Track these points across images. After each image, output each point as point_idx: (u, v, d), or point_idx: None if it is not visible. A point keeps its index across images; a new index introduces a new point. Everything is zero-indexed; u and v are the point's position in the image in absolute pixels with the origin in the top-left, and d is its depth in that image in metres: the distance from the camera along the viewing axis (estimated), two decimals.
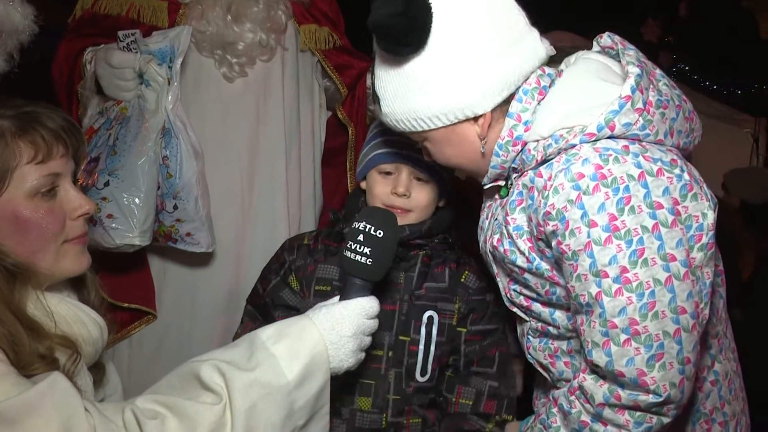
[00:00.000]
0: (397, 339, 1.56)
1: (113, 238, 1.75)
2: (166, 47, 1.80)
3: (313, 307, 1.30)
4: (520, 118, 1.26)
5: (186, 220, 1.85)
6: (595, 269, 1.16)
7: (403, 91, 1.28)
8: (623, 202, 1.15)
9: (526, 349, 1.45)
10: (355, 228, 1.29)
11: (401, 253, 1.56)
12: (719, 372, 1.34)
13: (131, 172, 1.76)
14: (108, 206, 1.75)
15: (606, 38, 1.34)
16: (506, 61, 1.24)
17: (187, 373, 1.16)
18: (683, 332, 1.16)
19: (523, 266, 1.30)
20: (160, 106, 1.80)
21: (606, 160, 1.17)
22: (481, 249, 1.45)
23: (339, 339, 1.23)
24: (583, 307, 1.20)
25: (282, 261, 1.66)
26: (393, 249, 1.32)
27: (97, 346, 1.22)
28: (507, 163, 1.30)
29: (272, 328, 1.23)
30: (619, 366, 1.17)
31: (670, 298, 1.15)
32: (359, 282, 1.29)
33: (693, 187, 1.18)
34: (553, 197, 1.19)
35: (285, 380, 1.16)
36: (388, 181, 1.58)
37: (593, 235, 1.15)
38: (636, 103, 1.18)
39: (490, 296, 1.60)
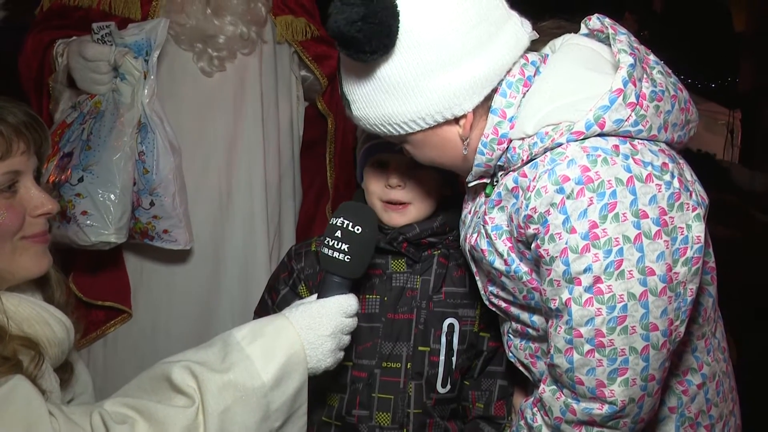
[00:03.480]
0: (416, 350, 1.44)
1: (88, 235, 1.70)
2: (143, 40, 1.74)
3: (290, 306, 1.24)
4: (505, 114, 1.16)
5: (163, 216, 1.79)
6: (569, 276, 1.08)
7: (374, 96, 1.16)
8: (607, 208, 1.06)
9: (507, 347, 1.38)
10: (333, 224, 1.24)
11: (414, 255, 1.45)
12: (707, 374, 1.26)
13: (106, 167, 1.70)
14: (82, 203, 1.69)
15: (595, 20, 1.22)
16: (486, 56, 1.13)
17: (157, 375, 1.11)
18: (651, 350, 1.08)
19: (500, 269, 1.22)
20: (136, 100, 1.74)
21: (594, 161, 1.07)
22: (461, 245, 1.37)
23: (317, 338, 1.18)
24: (553, 312, 1.13)
25: (290, 270, 1.54)
26: (372, 245, 1.26)
27: (63, 346, 1.16)
28: (492, 161, 1.20)
29: (247, 328, 1.17)
30: (580, 374, 1.11)
31: (643, 314, 1.07)
32: (337, 279, 1.24)
33: (681, 196, 1.08)
34: (536, 200, 1.10)
35: (260, 381, 1.11)
36: (382, 174, 1.45)
37: (570, 242, 1.07)
38: (628, 97, 1.08)
39: None
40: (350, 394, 1.45)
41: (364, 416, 1.44)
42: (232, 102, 1.96)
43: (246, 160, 1.99)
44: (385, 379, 1.44)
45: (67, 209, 1.68)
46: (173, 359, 1.13)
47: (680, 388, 1.26)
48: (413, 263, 1.47)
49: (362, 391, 1.44)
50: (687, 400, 1.26)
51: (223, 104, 1.95)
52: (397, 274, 1.47)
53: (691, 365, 1.27)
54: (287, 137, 2.12)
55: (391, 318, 1.45)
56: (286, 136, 2.12)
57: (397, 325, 1.45)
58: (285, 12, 2.04)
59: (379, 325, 1.45)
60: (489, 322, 1.47)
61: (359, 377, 1.44)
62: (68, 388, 1.23)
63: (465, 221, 1.36)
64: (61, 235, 1.69)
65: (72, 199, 1.68)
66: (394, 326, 1.45)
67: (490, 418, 1.48)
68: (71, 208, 1.68)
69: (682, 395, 1.26)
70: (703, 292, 1.24)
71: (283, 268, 1.58)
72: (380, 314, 1.45)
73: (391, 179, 1.43)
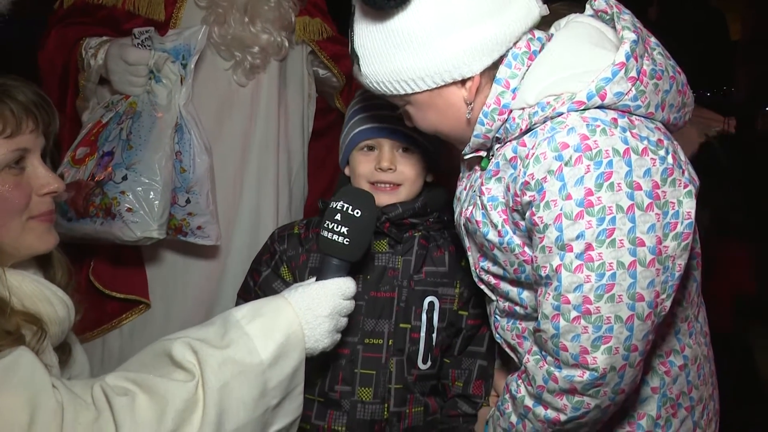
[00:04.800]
0: (397, 327, 1.47)
1: (134, 231, 1.72)
2: (181, 45, 1.79)
3: (289, 288, 1.25)
4: (509, 84, 1.17)
5: (198, 213, 1.82)
6: (561, 242, 1.10)
7: (385, 50, 1.17)
8: (603, 177, 1.08)
9: (494, 329, 1.40)
10: (333, 207, 1.25)
11: (396, 235, 1.48)
12: (689, 357, 1.30)
13: (149, 166, 1.73)
14: (127, 200, 1.71)
15: (600, 1, 1.23)
16: (499, 20, 1.14)
17: (158, 351, 1.11)
18: (636, 320, 1.10)
19: (493, 240, 1.23)
20: (173, 103, 1.78)
21: (593, 130, 1.09)
22: (456, 221, 1.38)
23: (315, 319, 1.19)
24: (543, 279, 1.15)
25: (272, 252, 1.56)
26: (371, 229, 1.28)
27: (64, 326, 1.15)
28: (491, 132, 1.21)
29: (247, 307, 1.18)
30: (565, 340, 1.13)
31: (630, 283, 1.09)
32: (336, 262, 1.25)
33: (674, 172, 1.11)
34: (534, 166, 1.11)
35: (259, 359, 1.12)
36: (371, 157, 1.48)
37: (565, 208, 1.09)
38: (630, 71, 1.10)
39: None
40: (333, 371, 1.46)
41: (347, 392, 1.46)
42: (249, 101, 1.98)
43: (257, 157, 2.01)
44: (367, 355, 1.46)
45: (112, 206, 1.71)
46: (173, 336, 1.13)
47: (663, 369, 1.28)
48: (395, 243, 1.49)
49: (345, 367, 1.46)
50: (669, 381, 1.28)
51: (241, 104, 1.97)
52: (379, 254, 1.49)
53: (674, 347, 1.30)
54: (298, 136, 2.15)
55: (374, 296, 1.47)
56: (297, 134, 2.15)
57: (379, 303, 1.47)
58: (302, 13, 2.06)
59: (362, 303, 1.46)
60: (467, 301, 1.50)
61: (342, 353, 1.46)
62: (65, 369, 1.22)
63: (460, 197, 1.37)
64: (105, 231, 1.72)
65: (117, 197, 1.71)
66: (376, 304, 1.47)
67: (468, 396, 1.51)
68: (116, 205, 1.70)
69: (664, 376, 1.28)
70: (688, 276, 1.27)
71: (265, 250, 1.59)
72: (363, 292, 1.46)
73: (382, 162, 1.46)
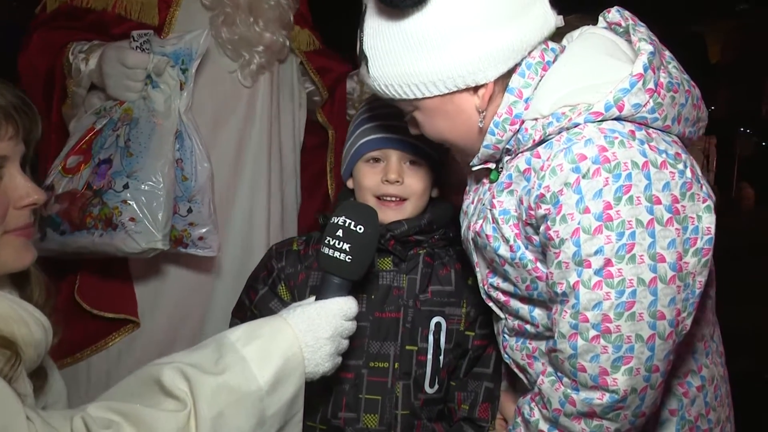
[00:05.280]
0: (403, 349, 1.39)
1: (138, 242, 1.63)
2: (182, 49, 1.73)
3: (288, 307, 1.18)
4: (521, 94, 1.13)
5: (199, 224, 1.75)
6: (579, 258, 1.05)
7: (398, 52, 1.12)
8: (622, 190, 1.03)
9: (502, 348, 1.33)
10: (334, 223, 1.18)
11: (401, 253, 1.41)
12: (706, 377, 1.24)
13: (151, 173, 1.66)
14: (129, 209, 1.63)
15: (614, 13, 1.19)
16: (515, 27, 1.11)
17: (146, 378, 1.03)
18: (658, 339, 1.05)
19: (505, 256, 1.18)
20: (173, 109, 1.72)
21: (611, 142, 1.05)
22: (463, 236, 1.32)
23: (315, 341, 1.11)
24: (558, 296, 1.09)
25: (270, 269, 1.47)
26: (374, 246, 1.21)
27: (40, 349, 1.05)
28: (502, 143, 1.17)
29: (243, 329, 1.10)
30: (583, 360, 1.07)
31: (651, 300, 1.04)
32: (337, 281, 1.18)
33: (692, 186, 1.07)
34: (550, 179, 1.07)
35: (256, 385, 1.04)
36: (377, 169, 1.41)
37: (583, 222, 1.04)
38: (647, 82, 1.06)
39: None
40: (336, 396, 1.39)
41: (351, 418, 1.37)
42: (246, 106, 1.94)
43: (251, 164, 1.96)
44: (372, 380, 1.39)
45: (113, 216, 1.63)
46: (163, 361, 1.05)
47: (680, 390, 1.23)
48: (399, 261, 1.43)
49: (348, 392, 1.38)
50: (687, 403, 1.23)
51: (239, 109, 1.93)
52: (383, 273, 1.42)
53: (691, 367, 1.24)
54: (290, 144, 2.11)
55: (379, 317, 1.40)
56: (289, 142, 2.11)
57: (384, 324, 1.40)
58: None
59: (366, 324, 1.39)
60: (474, 321, 1.44)
61: (345, 378, 1.38)
62: (41, 396, 1.11)
63: (467, 211, 1.31)
64: (105, 243, 1.63)
65: (118, 206, 1.63)
66: (381, 325, 1.40)
67: (473, 420, 1.43)
68: (118, 215, 1.62)
69: (682, 397, 1.23)
70: (704, 294, 1.20)
71: (262, 268, 1.51)
72: (367, 313, 1.39)
73: (389, 174, 1.39)
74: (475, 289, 1.36)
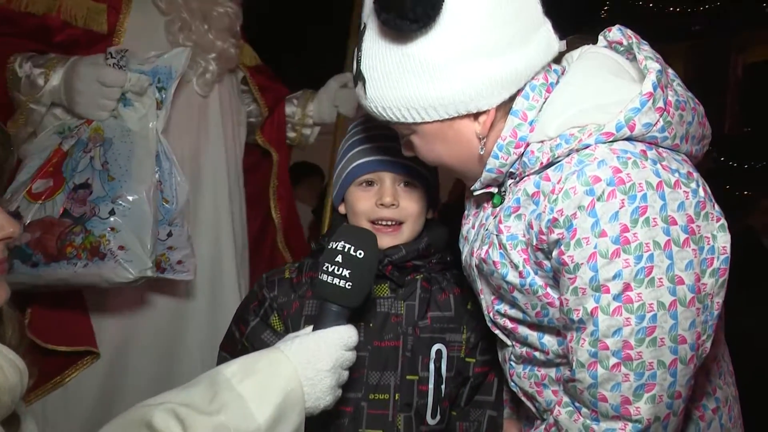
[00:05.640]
0: (403, 379, 1.32)
1: (130, 270, 1.56)
2: (161, 68, 1.67)
3: (284, 339, 1.11)
4: (526, 116, 1.10)
5: (178, 247, 1.68)
6: (596, 283, 1.01)
7: (398, 75, 1.08)
8: (638, 212, 1.00)
9: (509, 376, 1.28)
10: (333, 248, 1.12)
11: (398, 279, 1.36)
12: (720, 398, 1.21)
13: (137, 198, 1.58)
14: (118, 236, 1.55)
15: (616, 32, 1.17)
16: (520, 53, 1.07)
17: (135, 421, 0.94)
18: (680, 364, 1.02)
19: (513, 282, 1.14)
20: (149, 129, 1.64)
21: (625, 163, 1.01)
22: (464, 262, 1.27)
23: (316, 374, 1.04)
24: (575, 324, 1.05)
25: (261, 299, 1.39)
26: (374, 271, 1.15)
27: (15, 393, 0.96)
28: (505, 166, 1.13)
29: (238, 363, 1.03)
30: (604, 390, 1.03)
31: (672, 324, 1.00)
32: (336, 309, 1.11)
33: (706, 205, 1.04)
34: (563, 202, 1.03)
35: (255, 425, 0.96)
36: (371, 193, 1.36)
37: (600, 246, 1.00)
38: (657, 101, 1.04)
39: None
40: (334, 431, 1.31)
41: None
42: (198, 120, 1.89)
43: (211, 180, 1.92)
44: (372, 413, 1.32)
45: (101, 245, 1.54)
46: (153, 401, 0.96)
47: (696, 413, 1.19)
48: (396, 288, 1.37)
49: (347, 426, 1.31)
50: (704, 426, 1.19)
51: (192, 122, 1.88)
52: (380, 300, 1.36)
53: (706, 389, 1.21)
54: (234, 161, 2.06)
55: (378, 345, 1.34)
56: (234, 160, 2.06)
57: (383, 353, 1.33)
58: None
59: (365, 353, 1.32)
60: (474, 347, 1.39)
61: (344, 411, 1.30)
62: None
63: (468, 237, 1.27)
64: (90, 274, 1.54)
65: (106, 234, 1.55)
66: (380, 354, 1.33)
67: None
68: (105, 243, 1.54)
69: (699, 421, 1.19)
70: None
71: (252, 298, 1.43)
72: (366, 342, 1.33)
73: (385, 197, 1.34)
74: (475, 314, 1.31)
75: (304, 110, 2.25)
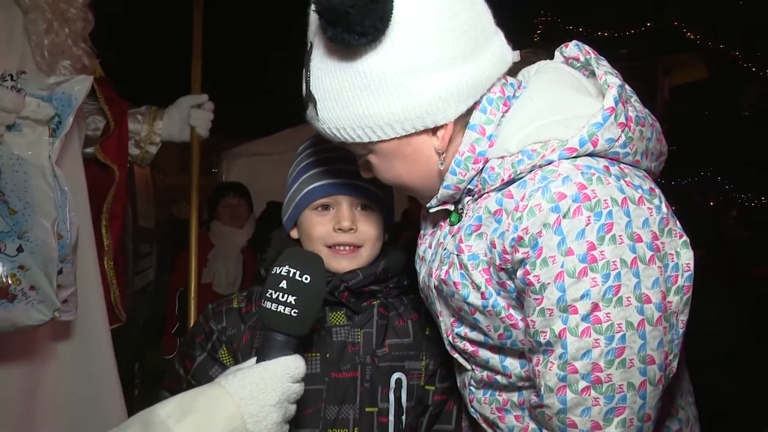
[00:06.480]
0: (362, 412, 1.25)
1: (43, 312, 1.44)
2: (61, 94, 1.55)
3: (224, 373, 1.02)
4: (484, 131, 1.06)
5: (66, 285, 1.54)
6: (564, 303, 0.97)
7: (350, 93, 1.02)
8: (605, 229, 0.96)
9: (468, 402, 1.22)
10: (277, 273, 1.03)
11: (354, 305, 1.29)
12: (683, 419, 1.18)
13: (42, 233, 1.46)
14: (28, 275, 1.42)
15: (573, 48, 1.15)
16: (474, 64, 1.03)
17: None
18: (649, 385, 0.98)
19: (475, 304, 1.09)
20: (42, 158, 1.50)
21: (590, 179, 0.98)
22: (422, 283, 1.22)
23: (260, 410, 0.96)
24: (542, 346, 1.00)
25: (208, 332, 1.30)
26: (321, 297, 1.06)
27: None
28: (463, 183, 1.08)
29: (173, 402, 0.93)
30: (573, 415, 0.98)
31: (641, 345, 0.97)
32: (281, 338, 1.03)
33: (669, 221, 1.01)
34: (528, 220, 0.99)
35: None
36: (327, 217, 1.29)
37: (567, 265, 0.96)
38: (619, 116, 1.01)
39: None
40: None
41: None
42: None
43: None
44: None
45: (11, 286, 1.40)
46: None
47: None
48: (353, 315, 1.30)
49: None
50: None
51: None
52: (336, 328, 1.29)
53: (669, 410, 1.18)
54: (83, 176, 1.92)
55: (335, 377, 1.26)
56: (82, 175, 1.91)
57: (341, 385, 1.26)
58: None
59: (322, 386, 1.25)
60: (433, 374, 1.32)
61: None
62: None
63: (425, 257, 1.21)
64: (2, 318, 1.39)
65: (15, 273, 1.41)
66: (338, 387, 1.26)
67: None
68: (16, 284, 1.41)
69: None
70: None
71: (198, 331, 1.32)
72: (322, 374, 1.25)
73: (343, 222, 1.27)
74: (434, 340, 1.25)
75: (151, 127, 2.16)
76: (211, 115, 2.28)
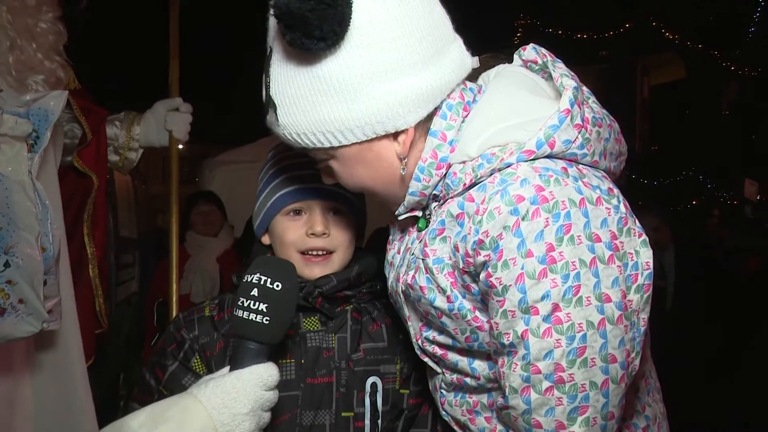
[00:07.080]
0: (338, 417, 1.25)
1: (32, 325, 1.48)
2: (37, 110, 1.57)
3: (198, 382, 1.03)
4: (445, 136, 1.07)
5: (51, 296, 1.56)
6: (525, 305, 0.98)
7: (309, 98, 1.03)
8: (563, 230, 0.98)
9: (440, 405, 1.24)
10: (248, 281, 1.04)
11: (329, 310, 1.30)
12: (650, 416, 1.20)
13: (28, 247, 1.49)
14: (16, 290, 1.46)
15: (530, 51, 1.17)
16: (434, 70, 1.05)
17: None
18: (611, 384, 1.00)
19: (441, 307, 1.10)
20: (21, 173, 1.53)
21: (547, 181, 1.00)
22: (390, 288, 1.23)
23: (232, 419, 0.97)
24: (506, 348, 1.02)
25: (179, 340, 1.29)
26: (293, 304, 1.07)
27: None
28: (428, 189, 1.10)
29: (145, 413, 0.94)
30: (538, 416, 1.00)
31: (602, 344, 0.98)
32: (254, 346, 1.04)
33: (628, 221, 1.03)
34: (488, 223, 1.00)
35: None
36: (299, 222, 1.30)
37: (527, 266, 0.98)
38: (575, 118, 1.03)
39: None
40: None
41: None
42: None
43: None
44: None
45: (0, 301, 1.43)
46: None
47: None
48: (327, 320, 1.31)
49: None
50: None
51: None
52: (310, 334, 1.30)
53: (636, 407, 1.20)
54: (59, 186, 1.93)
55: (311, 383, 1.27)
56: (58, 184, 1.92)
57: (317, 391, 1.26)
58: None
59: (297, 392, 1.25)
60: (408, 378, 1.33)
61: None
62: None
63: (393, 262, 1.23)
64: None
65: (4, 288, 1.45)
66: (314, 392, 1.26)
67: None
68: (5, 298, 1.44)
69: None
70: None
71: (169, 340, 1.32)
72: (297, 380, 1.26)
73: (315, 227, 1.28)
74: (408, 343, 1.26)
75: (129, 133, 2.17)
76: (189, 118, 2.27)
